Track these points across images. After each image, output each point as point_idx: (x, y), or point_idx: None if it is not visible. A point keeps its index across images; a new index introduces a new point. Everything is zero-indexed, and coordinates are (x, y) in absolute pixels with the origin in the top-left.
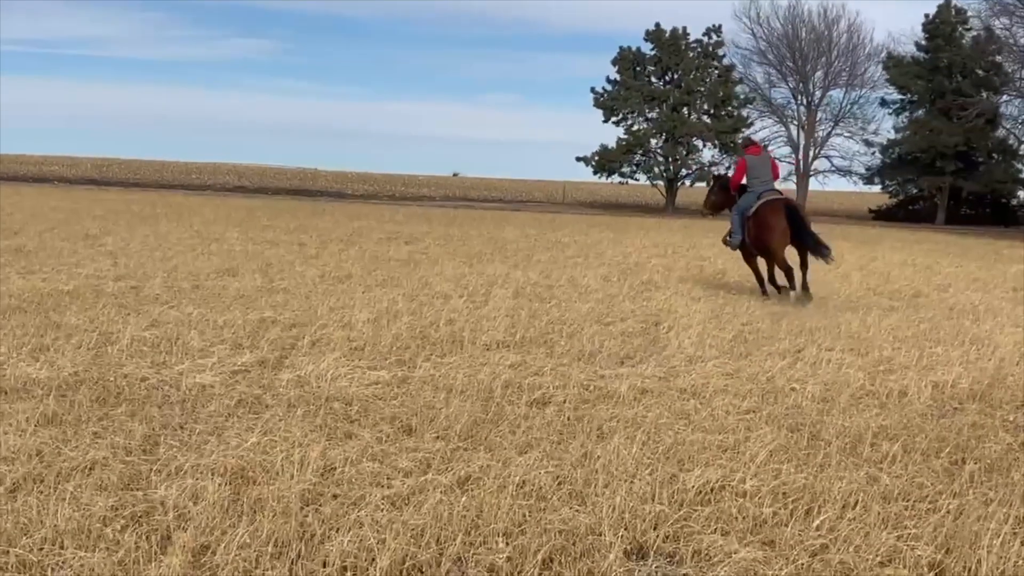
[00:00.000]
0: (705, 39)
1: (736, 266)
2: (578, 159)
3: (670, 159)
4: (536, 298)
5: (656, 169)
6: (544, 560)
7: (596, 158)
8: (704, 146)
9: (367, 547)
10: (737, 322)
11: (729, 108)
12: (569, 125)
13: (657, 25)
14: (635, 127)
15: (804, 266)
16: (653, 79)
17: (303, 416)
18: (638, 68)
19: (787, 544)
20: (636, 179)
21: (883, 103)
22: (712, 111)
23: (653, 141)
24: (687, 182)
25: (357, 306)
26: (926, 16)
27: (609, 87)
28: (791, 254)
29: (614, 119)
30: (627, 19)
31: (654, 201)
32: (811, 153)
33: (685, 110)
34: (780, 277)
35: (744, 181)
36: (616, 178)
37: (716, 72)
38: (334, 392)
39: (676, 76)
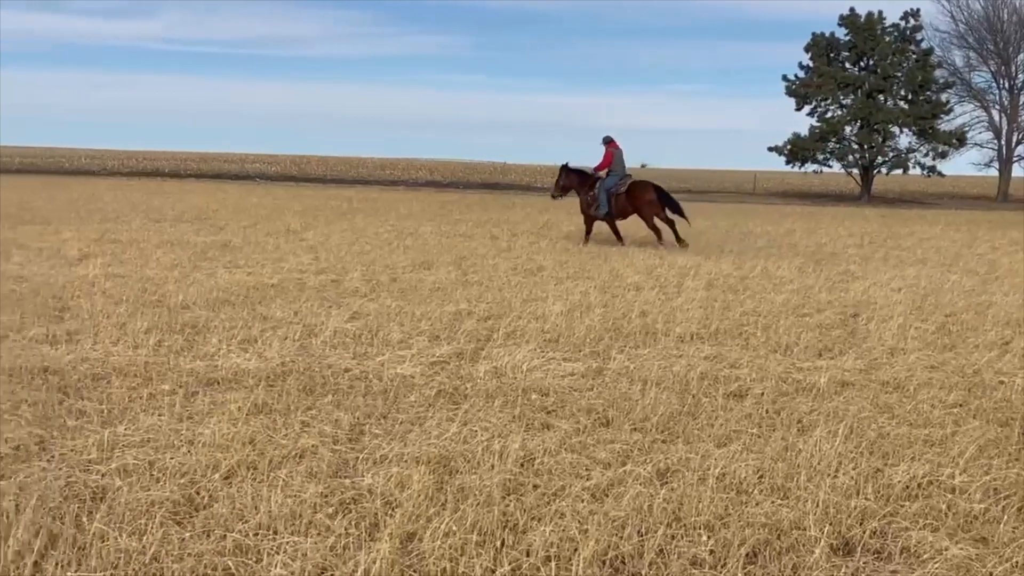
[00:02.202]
0: (902, 23)
1: (936, 256)
2: (770, 149)
3: (865, 146)
4: (729, 289)
5: (851, 157)
6: (748, 554)
7: (788, 147)
8: (901, 132)
9: (570, 537)
10: (940, 313)
11: (927, 93)
12: (759, 114)
13: (852, 10)
14: (829, 114)
15: (673, 225)
16: (847, 65)
17: (501, 407)
18: (832, 54)
19: (1001, 542)
20: (830, 167)
21: None
22: (909, 97)
23: (847, 128)
24: (883, 170)
25: (550, 298)
26: None
27: (802, 74)
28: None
29: (807, 107)
30: (820, 5)
31: (848, 190)
32: (1015, 138)
33: (881, 96)
34: (667, 233)
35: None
36: (809, 167)
37: (914, 56)
38: (530, 383)
39: (871, 61)
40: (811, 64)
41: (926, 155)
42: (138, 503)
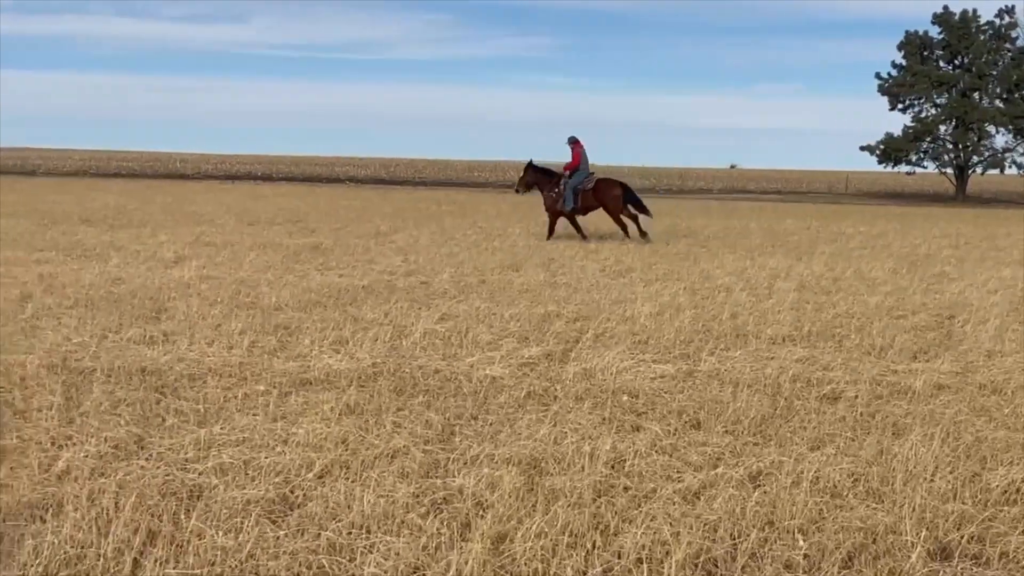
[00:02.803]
0: (997, 20)
1: None
2: (862, 148)
3: (960, 146)
4: (821, 291)
5: (945, 157)
6: (843, 558)
7: (881, 147)
8: (997, 132)
9: (661, 540)
10: None
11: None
12: (851, 113)
13: (945, 8)
14: (923, 114)
15: (636, 220)
16: (941, 63)
17: (591, 408)
18: (925, 53)
19: None
20: (924, 167)
21: None
22: (1005, 95)
23: (942, 128)
24: (979, 170)
25: (639, 300)
26: None
27: (895, 73)
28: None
29: (900, 106)
30: (913, 4)
31: (942, 189)
32: None
33: (976, 95)
34: (631, 228)
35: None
36: (902, 167)
37: (1009, 54)
38: (620, 385)
39: (966, 60)
40: (904, 63)
41: (1023, 154)
42: (234, 501)
